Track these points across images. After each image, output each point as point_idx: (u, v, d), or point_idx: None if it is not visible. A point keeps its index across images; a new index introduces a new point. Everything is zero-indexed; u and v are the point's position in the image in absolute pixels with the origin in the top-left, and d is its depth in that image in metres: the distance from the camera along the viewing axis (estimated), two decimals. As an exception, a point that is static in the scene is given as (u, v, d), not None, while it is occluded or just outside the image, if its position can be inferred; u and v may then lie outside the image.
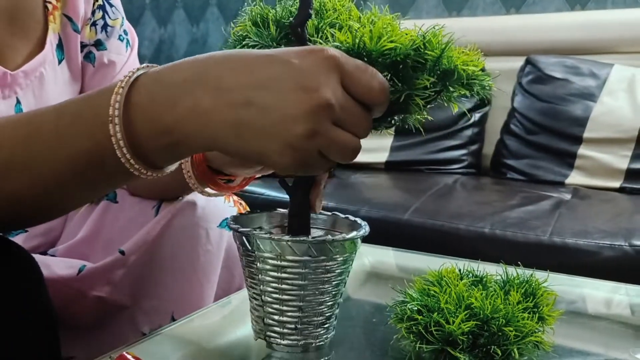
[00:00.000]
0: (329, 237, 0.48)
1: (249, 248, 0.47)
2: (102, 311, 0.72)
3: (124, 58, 0.80)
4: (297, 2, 0.49)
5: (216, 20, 2.71)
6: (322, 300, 0.48)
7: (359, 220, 0.52)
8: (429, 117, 0.48)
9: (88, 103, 0.44)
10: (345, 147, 0.41)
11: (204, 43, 2.76)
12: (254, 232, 0.47)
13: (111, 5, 0.80)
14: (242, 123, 0.40)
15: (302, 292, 0.47)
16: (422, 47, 0.43)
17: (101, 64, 0.77)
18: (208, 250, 0.72)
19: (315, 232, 0.54)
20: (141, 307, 0.72)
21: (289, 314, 0.47)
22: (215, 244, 0.73)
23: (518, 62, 1.87)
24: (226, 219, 0.74)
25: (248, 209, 0.81)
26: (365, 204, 1.45)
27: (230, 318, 0.62)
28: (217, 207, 0.74)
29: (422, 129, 0.49)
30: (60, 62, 0.73)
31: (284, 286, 0.47)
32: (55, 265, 0.71)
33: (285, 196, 0.50)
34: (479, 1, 2.12)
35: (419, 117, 0.47)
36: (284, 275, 0.46)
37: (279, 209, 0.55)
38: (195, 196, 0.72)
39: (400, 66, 0.43)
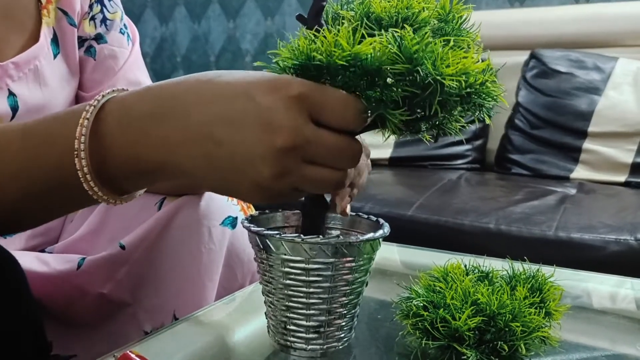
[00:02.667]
0: (357, 237, 0.46)
1: (273, 250, 0.45)
2: (103, 309, 0.71)
3: (126, 52, 0.80)
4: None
5: (218, 17, 2.71)
6: (346, 301, 0.47)
7: (379, 220, 0.51)
8: (467, 126, 0.46)
9: (56, 127, 0.44)
10: (322, 182, 0.40)
11: (206, 40, 2.75)
12: (281, 235, 0.45)
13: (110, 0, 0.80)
14: (212, 158, 0.39)
15: (328, 296, 0.46)
16: (397, 55, 0.40)
17: (103, 57, 0.77)
18: (210, 249, 0.72)
19: (332, 232, 0.53)
20: (143, 305, 0.72)
21: (315, 318, 0.46)
22: (218, 243, 0.72)
23: (522, 56, 1.86)
24: (229, 217, 0.73)
25: (252, 208, 0.81)
26: (369, 200, 1.45)
27: (234, 316, 0.62)
28: (220, 204, 0.73)
29: (434, 138, 0.47)
30: (55, 56, 0.72)
31: (311, 290, 0.45)
32: (54, 261, 0.71)
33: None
34: (482, -5, 2.11)
35: (457, 124, 0.46)
36: (311, 278, 0.45)
37: (286, 210, 0.54)
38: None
39: (376, 78, 0.41)
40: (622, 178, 1.61)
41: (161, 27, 2.87)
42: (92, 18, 0.77)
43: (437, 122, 0.47)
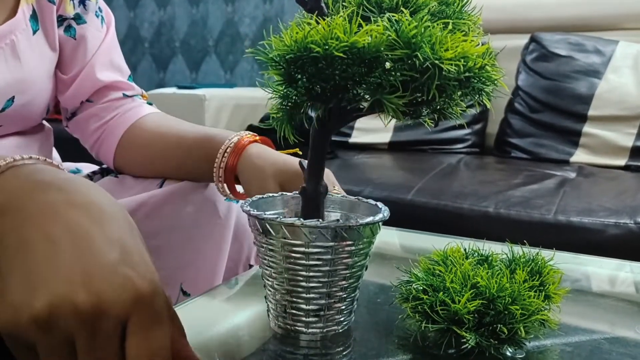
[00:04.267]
0: (356, 221, 0.46)
1: (273, 234, 0.45)
2: None
3: (100, 35, 0.81)
4: None
5: (216, 1, 2.69)
6: (346, 285, 0.47)
7: (379, 204, 0.51)
8: (474, 112, 0.46)
9: None
10: None
11: (204, 24, 2.74)
12: (281, 219, 0.45)
13: None
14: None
15: (328, 279, 0.46)
16: (395, 41, 0.40)
17: (81, 38, 0.79)
18: (217, 223, 0.73)
19: (332, 215, 0.53)
20: None
21: (315, 301, 0.46)
22: (224, 216, 0.74)
23: (522, 39, 1.85)
24: None
25: None
26: (368, 184, 1.45)
27: (234, 299, 0.62)
28: None
29: (435, 123, 0.47)
30: (35, 32, 0.73)
31: (311, 273, 0.45)
32: None
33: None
34: (482, -22, 2.09)
35: (457, 109, 0.45)
36: (311, 262, 0.45)
37: (285, 193, 0.54)
38: None
39: (374, 64, 0.41)
40: (622, 162, 1.61)
41: (159, 12, 2.85)
42: None
43: (438, 107, 0.47)
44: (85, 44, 0.79)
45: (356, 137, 1.90)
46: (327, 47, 0.40)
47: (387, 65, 0.42)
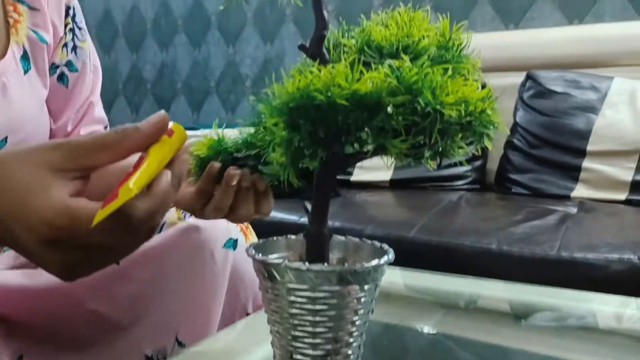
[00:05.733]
0: (362, 264, 0.46)
1: (278, 279, 0.45)
2: (100, 328, 0.71)
3: (89, 85, 0.83)
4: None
5: (217, 42, 2.73)
6: (352, 329, 0.46)
7: (383, 246, 0.51)
8: (474, 152, 0.46)
9: None
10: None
11: (206, 65, 2.78)
12: (286, 263, 0.45)
13: (79, 28, 0.83)
14: None
15: (334, 324, 0.45)
16: (396, 87, 0.41)
17: (72, 86, 0.80)
18: (213, 271, 0.72)
19: (337, 259, 0.53)
20: (144, 325, 0.71)
21: (321, 346, 0.46)
22: (221, 265, 0.73)
23: (519, 77, 1.88)
24: (230, 239, 0.74)
25: (250, 228, 0.81)
26: (370, 222, 1.45)
27: (238, 345, 0.62)
28: (221, 227, 0.74)
29: (437, 164, 0.48)
30: (26, 71, 0.74)
31: (317, 318, 0.45)
32: (43, 275, 0.70)
33: (289, 217, 0.50)
34: (477, 17, 2.13)
35: (460, 150, 0.46)
36: (317, 307, 0.45)
37: (291, 235, 0.54)
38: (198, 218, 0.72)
39: (376, 109, 0.41)
40: (622, 196, 1.62)
41: (161, 53, 2.90)
42: (65, 45, 0.79)
43: (440, 149, 0.47)
44: (76, 95, 0.80)
45: (357, 176, 1.91)
46: (329, 94, 0.41)
47: (390, 110, 0.43)
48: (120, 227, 0.40)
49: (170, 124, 0.47)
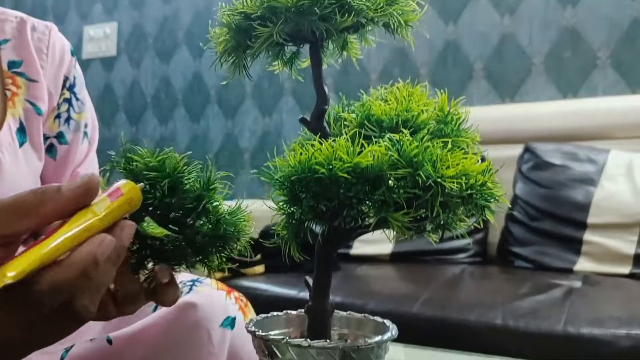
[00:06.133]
0: (364, 340, 0.45)
1: (279, 357, 0.44)
2: None
3: (82, 154, 0.81)
4: None
5: (216, 116, 2.78)
6: None
7: (386, 322, 0.50)
8: (476, 224, 0.46)
9: None
10: None
11: (205, 139, 2.81)
12: (287, 339, 0.44)
13: (77, 99, 0.81)
14: None
15: None
16: (397, 160, 0.41)
17: (61, 159, 0.78)
18: (210, 352, 0.69)
19: (339, 334, 0.51)
20: None
21: None
22: (218, 345, 0.70)
23: (517, 149, 1.90)
24: (228, 317, 0.71)
25: (249, 305, 0.79)
26: (372, 297, 1.42)
27: None
28: (219, 305, 0.71)
29: (439, 238, 0.47)
30: (22, 144, 0.73)
31: None
32: (34, 356, 0.67)
33: (289, 291, 0.48)
34: (473, 91, 2.18)
35: (462, 223, 0.45)
36: None
37: (291, 311, 0.53)
38: (195, 295, 0.70)
39: (378, 183, 0.42)
40: (626, 270, 1.59)
41: (161, 127, 2.94)
42: (58, 116, 0.78)
43: (442, 222, 0.46)
44: (64, 168, 0.78)
45: (358, 249, 1.89)
46: (331, 168, 0.40)
47: (391, 183, 0.42)
48: (16, 299, 0.36)
49: (122, 184, 0.44)
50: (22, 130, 0.74)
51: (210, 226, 0.46)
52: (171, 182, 0.46)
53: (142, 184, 0.45)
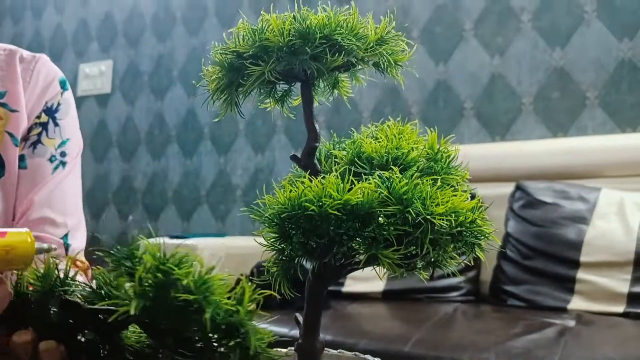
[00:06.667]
0: None
1: None
2: None
3: (44, 180, 0.77)
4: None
5: (209, 152, 2.79)
6: None
7: None
8: (467, 262, 0.46)
9: None
10: None
11: (197, 175, 2.81)
12: None
13: (56, 124, 0.80)
14: None
15: None
16: (387, 197, 0.41)
17: (19, 184, 0.76)
18: None
19: None
20: None
21: None
22: None
23: (507, 187, 1.90)
24: None
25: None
26: (364, 336, 1.40)
27: None
28: None
29: (429, 275, 0.47)
30: (0, 178, 0.72)
31: None
32: None
33: (279, 329, 0.47)
34: (464, 130, 2.20)
35: (452, 260, 0.45)
36: None
37: (281, 349, 0.52)
38: None
39: (368, 219, 0.41)
40: (620, 309, 1.58)
41: (154, 163, 2.94)
42: (25, 139, 0.77)
43: (432, 259, 0.46)
44: (19, 188, 0.75)
45: (349, 286, 1.88)
46: (321, 204, 0.40)
47: (381, 220, 0.42)
48: None
49: (13, 230, 0.39)
50: (0, 164, 0.73)
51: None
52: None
53: (45, 245, 0.39)
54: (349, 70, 0.52)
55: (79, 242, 0.79)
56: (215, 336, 0.36)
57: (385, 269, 0.44)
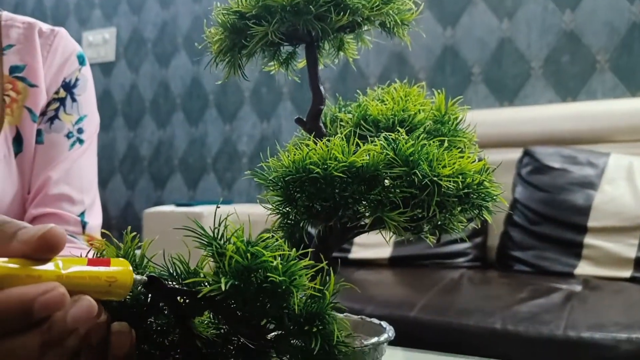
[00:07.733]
0: (360, 341, 0.44)
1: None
2: None
3: (61, 156, 0.76)
4: None
5: (214, 120, 2.77)
6: None
7: (383, 324, 0.49)
8: (475, 226, 0.45)
9: None
10: None
11: (203, 143, 2.80)
12: None
13: (74, 100, 0.79)
14: None
15: None
16: (393, 159, 0.41)
17: (38, 157, 0.75)
18: None
19: None
20: None
21: None
22: None
23: (516, 153, 1.89)
24: None
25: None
26: (370, 302, 1.41)
27: None
28: None
29: (437, 239, 0.46)
30: (17, 154, 0.72)
31: None
32: None
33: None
34: (471, 96, 2.18)
35: (459, 224, 0.44)
36: None
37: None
38: None
39: (374, 182, 0.41)
40: (627, 274, 1.58)
41: (159, 131, 2.93)
42: (43, 113, 0.76)
43: (439, 222, 0.46)
44: (39, 167, 0.75)
45: (356, 253, 1.88)
46: (326, 167, 0.40)
47: (387, 182, 0.41)
48: None
49: (116, 259, 0.35)
50: (18, 140, 0.73)
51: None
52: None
53: (143, 277, 0.36)
54: (355, 31, 0.51)
55: (95, 219, 0.79)
56: (297, 323, 0.35)
57: (391, 232, 0.43)
